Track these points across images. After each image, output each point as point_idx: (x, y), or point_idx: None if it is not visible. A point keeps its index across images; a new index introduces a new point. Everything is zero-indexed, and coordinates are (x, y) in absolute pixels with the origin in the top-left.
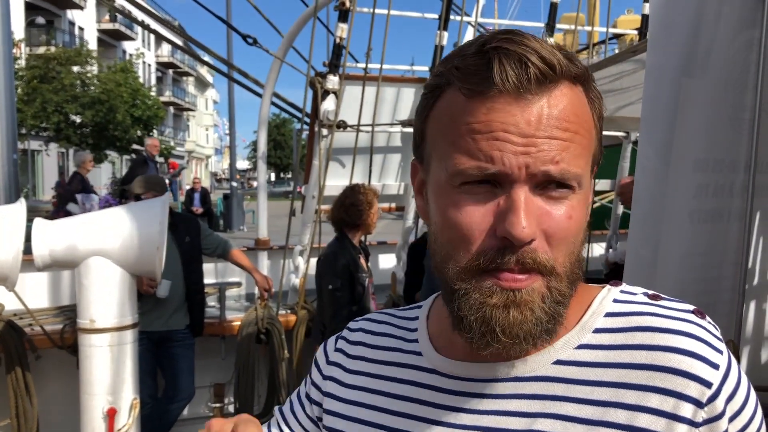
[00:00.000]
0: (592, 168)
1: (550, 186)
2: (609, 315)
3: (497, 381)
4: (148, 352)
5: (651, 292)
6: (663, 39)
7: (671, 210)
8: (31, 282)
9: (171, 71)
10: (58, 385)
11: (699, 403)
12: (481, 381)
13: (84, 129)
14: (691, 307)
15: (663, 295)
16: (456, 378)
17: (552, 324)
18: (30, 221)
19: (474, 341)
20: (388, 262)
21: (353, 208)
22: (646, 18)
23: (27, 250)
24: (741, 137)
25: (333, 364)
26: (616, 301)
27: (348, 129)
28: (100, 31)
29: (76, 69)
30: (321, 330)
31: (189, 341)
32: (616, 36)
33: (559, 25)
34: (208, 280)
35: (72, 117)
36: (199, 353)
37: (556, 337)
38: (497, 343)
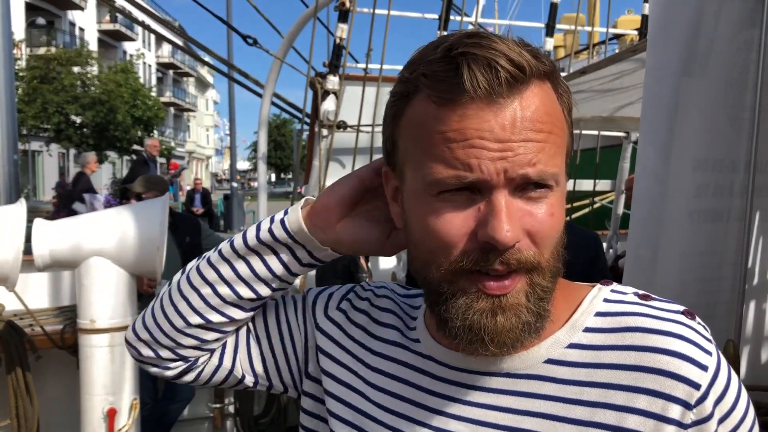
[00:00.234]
0: (566, 162)
1: (528, 187)
2: (599, 314)
3: (490, 375)
4: None
5: (641, 292)
6: (663, 38)
7: (671, 210)
8: (32, 282)
9: (171, 72)
10: (58, 386)
11: (687, 405)
12: (475, 373)
13: (84, 129)
14: (681, 308)
15: (653, 296)
16: (450, 367)
17: (540, 322)
18: (30, 222)
19: (461, 347)
20: (388, 262)
21: None
22: (646, 18)
23: (27, 250)
24: (741, 137)
25: (330, 320)
26: (606, 301)
27: (348, 129)
28: (100, 32)
29: (76, 69)
30: None
31: None
32: (616, 36)
33: (559, 26)
34: None
35: (72, 117)
36: None
37: (545, 334)
38: (485, 351)
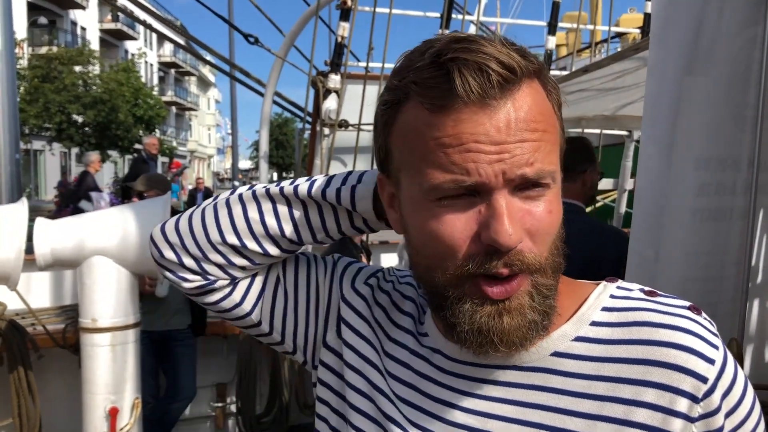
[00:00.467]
0: (559, 158)
1: (526, 186)
2: (606, 309)
3: (497, 368)
4: (149, 351)
5: (647, 288)
6: (665, 36)
7: (673, 209)
8: (34, 281)
9: (173, 71)
10: (60, 385)
11: (695, 398)
12: (482, 366)
13: (86, 129)
14: (687, 303)
15: (659, 292)
16: (457, 361)
17: (547, 320)
18: (32, 221)
19: (472, 349)
20: (389, 261)
21: None
22: (648, 16)
23: (29, 249)
24: (744, 135)
25: (357, 293)
26: (612, 297)
27: (350, 128)
28: (102, 31)
29: (78, 69)
30: None
31: (190, 341)
32: (618, 34)
33: (562, 24)
34: None
35: (74, 117)
36: (202, 353)
37: (552, 327)
38: (495, 352)
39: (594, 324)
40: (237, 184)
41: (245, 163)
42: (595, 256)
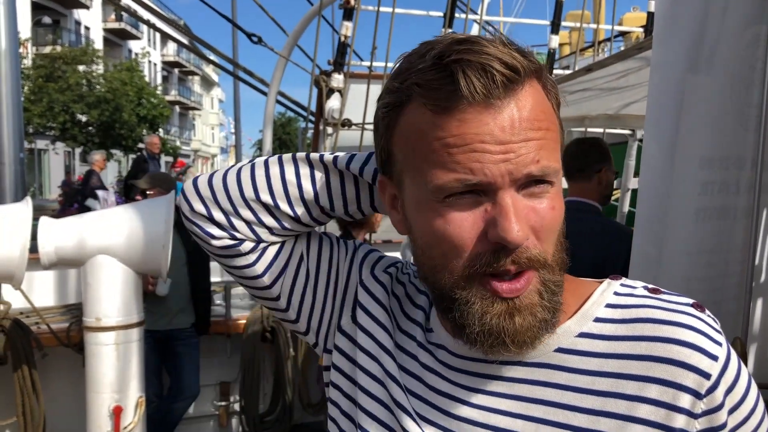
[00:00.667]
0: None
1: (531, 184)
2: (610, 306)
3: (501, 364)
4: (152, 350)
5: (651, 286)
6: (668, 35)
7: (677, 208)
8: (38, 280)
9: (177, 70)
10: (64, 383)
11: (698, 394)
12: (486, 362)
13: (90, 128)
14: (691, 301)
15: (663, 289)
16: (462, 357)
17: (556, 317)
18: (36, 220)
19: (483, 350)
20: None
21: None
22: (651, 15)
23: (33, 248)
24: (747, 134)
25: (376, 279)
26: (616, 294)
27: (353, 127)
28: (105, 31)
29: (82, 68)
30: None
31: (193, 340)
32: (621, 33)
33: (565, 23)
34: (213, 278)
35: (78, 116)
36: (205, 352)
37: (555, 326)
38: (507, 352)
39: (598, 320)
40: None
41: None
42: (605, 255)
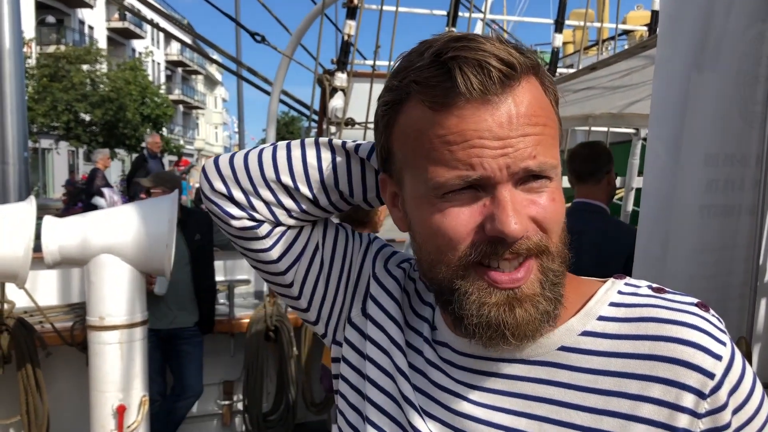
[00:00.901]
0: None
1: (529, 179)
2: (613, 305)
3: (504, 361)
4: (156, 349)
5: (655, 285)
6: (672, 33)
7: (681, 205)
8: (41, 279)
9: (180, 69)
10: (68, 382)
11: (701, 394)
12: (488, 360)
13: (94, 127)
14: (695, 300)
15: (667, 289)
16: (465, 354)
17: (557, 309)
18: (40, 219)
19: (482, 342)
20: None
21: None
22: (655, 14)
23: (37, 247)
24: (752, 131)
25: (389, 273)
26: (620, 293)
27: (356, 126)
28: (109, 30)
29: (85, 67)
30: None
31: (197, 339)
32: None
33: (569, 22)
34: (217, 277)
35: (82, 115)
36: (208, 351)
37: (559, 321)
38: (506, 345)
39: (601, 319)
40: None
41: None
42: (607, 252)
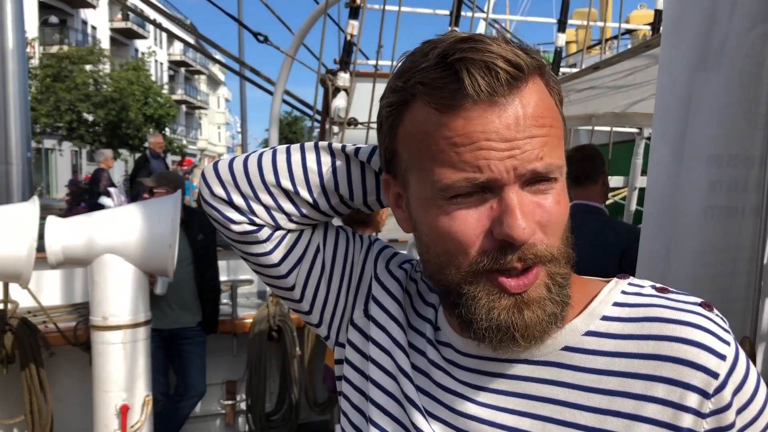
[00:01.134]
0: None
1: (536, 181)
2: (617, 304)
3: (508, 361)
4: (159, 349)
5: (659, 285)
6: (676, 33)
7: (684, 206)
8: (45, 279)
9: (183, 69)
10: (71, 382)
11: (705, 394)
12: (492, 360)
13: (96, 127)
14: (699, 300)
15: (671, 288)
16: (468, 355)
17: (564, 311)
18: (43, 219)
19: (491, 345)
20: None
21: None
22: (659, 13)
23: (40, 247)
24: (756, 131)
25: (391, 274)
26: (624, 293)
27: (359, 126)
28: (112, 30)
29: (88, 68)
30: None
31: (200, 339)
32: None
33: (571, 21)
34: (220, 277)
35: (85, 115)
36: (211, 350)
37: (563, 321)
38: (516, 347)
39: (605, 319)
40: None
41: None
42: (605, 250)
